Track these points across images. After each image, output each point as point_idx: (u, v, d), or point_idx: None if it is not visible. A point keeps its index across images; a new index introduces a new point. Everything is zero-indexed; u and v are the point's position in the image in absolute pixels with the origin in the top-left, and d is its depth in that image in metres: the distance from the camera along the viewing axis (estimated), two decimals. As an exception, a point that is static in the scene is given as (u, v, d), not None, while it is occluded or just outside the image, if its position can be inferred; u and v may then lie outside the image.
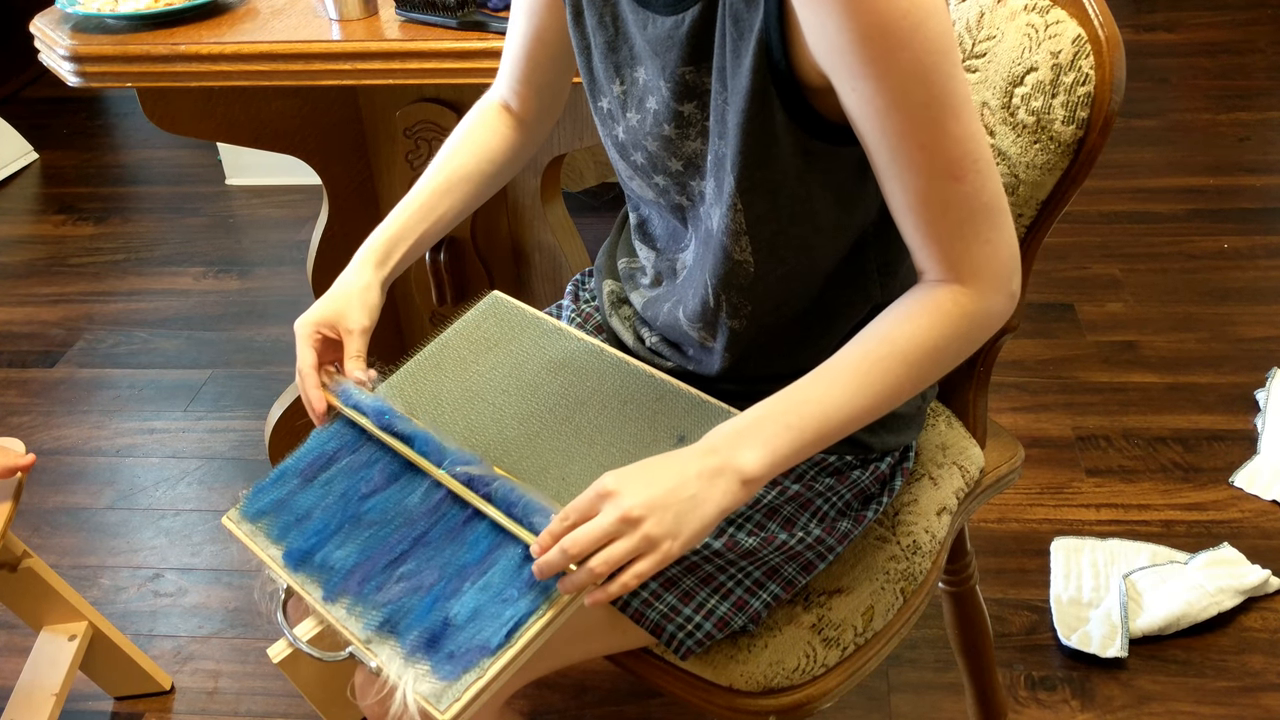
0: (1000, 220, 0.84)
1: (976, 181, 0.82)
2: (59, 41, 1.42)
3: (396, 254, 1.06)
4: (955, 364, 0.88)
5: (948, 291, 0.86)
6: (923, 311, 0.86)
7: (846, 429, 0.85)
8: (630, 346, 1.12)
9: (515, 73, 1.11)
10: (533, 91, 1.12)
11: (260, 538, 0.95)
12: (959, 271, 0.85)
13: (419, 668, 0.83)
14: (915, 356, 0.85)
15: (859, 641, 1.02)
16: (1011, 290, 0.87)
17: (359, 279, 1.04)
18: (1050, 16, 0.99)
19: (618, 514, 0.79)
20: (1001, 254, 0.85)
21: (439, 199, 1.09)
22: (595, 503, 0.81)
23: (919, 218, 0.84)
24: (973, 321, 0.86)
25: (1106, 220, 2.61)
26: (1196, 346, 2.19)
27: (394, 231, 1.07)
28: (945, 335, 0.85)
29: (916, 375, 0.86)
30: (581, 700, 1.60)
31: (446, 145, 1.12)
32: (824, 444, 0.85)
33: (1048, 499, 1.87)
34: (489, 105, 1.14)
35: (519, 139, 1.14)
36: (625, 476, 0.82)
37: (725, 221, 0.92)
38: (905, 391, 0.86)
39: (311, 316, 1.02)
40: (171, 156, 3.29)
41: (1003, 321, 0.88)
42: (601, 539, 0.80)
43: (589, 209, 2.76)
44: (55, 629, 1.54)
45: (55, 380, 2.37)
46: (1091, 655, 1.59)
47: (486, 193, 1.13)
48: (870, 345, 0.86)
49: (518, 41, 1.09)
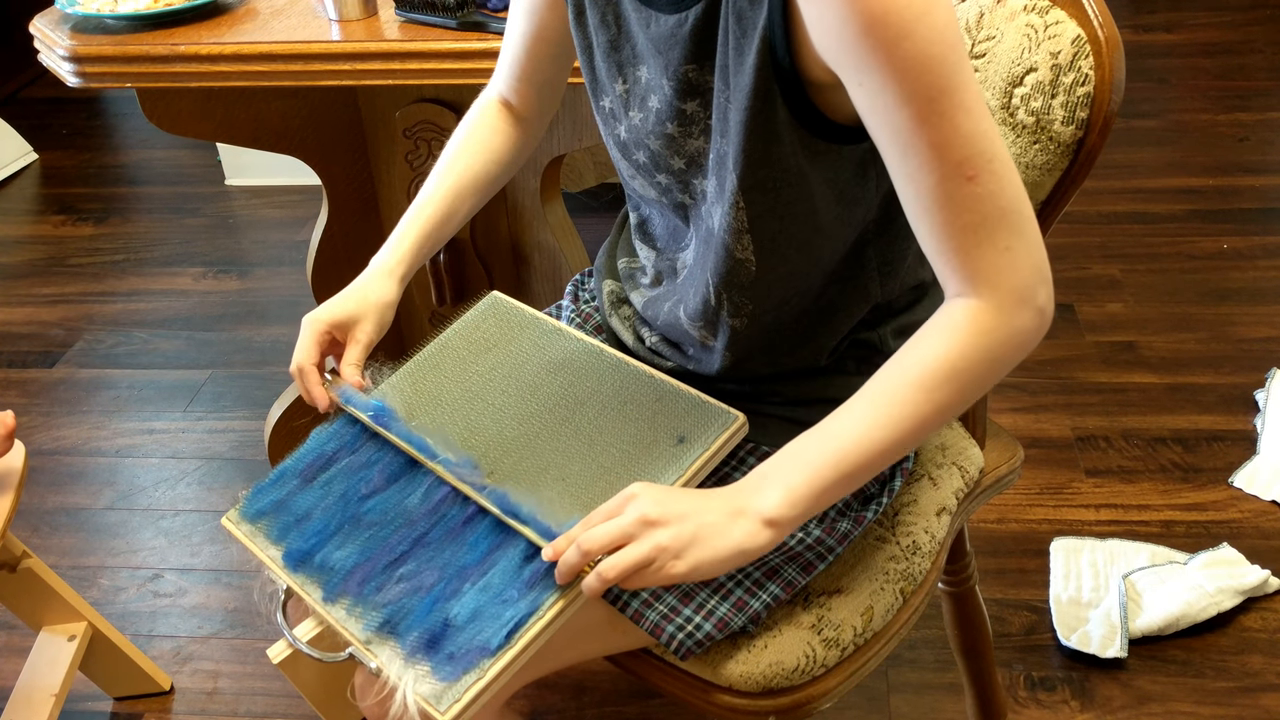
0: (1022, 226, 0.80)
1: (992, 183, 0.78)
2: (58, 42, 1.42)
3: (414, 263, 1.07)
4: (984, 387, 0.83)
5: (963, 308, 0.81)
6: (936, 332, 0.81)
7: (874, 463, 0.82)
8: (630, 346, 1.12)
9: (515, 70, 1.11)
10: (532, 89, 1.12)
11: (260, 538, 0.95)
12: (975, 283, 0.80)
13: (419, 668, 0.83)
14: (933, 381, 0.80)
15: (858, 642, 1.02)
16: (1039, 305, 0.81)
17: (382, 291, 1.04)
18: (1050, 17, 0.99)
19: (638, 514, 0.80)
20: (1023, 264, 0.80)
21: (457, 203, 1.09)
22: (620, 504, 0.82)
23: (933, 221, 0.80)
24: (994, 339, 0.80)
25: (1106, 221, 2.61)
26: (1196, 347, 2.19)
27: (416, 240, 1.07)
28: (964, 356, 0.80)
29: (941, 401, 0.81)
30: (581, 701, 1.60)
31: (451, 146, 1.12)
32: (852, 480, 0.82)
33: (1047, 499, 1.87)
34: (488, 103, 1.15)
35: (520, 136, 1.14)
36: (652, 486, 0.83)
37: (727, 220, 0.92)
38: (930, 420, 0.82)
39: (325, 315, 1.02)
40: (171, 157, 3.29)
41: (1033, 341, 0.82)
42: (619, 539, 0.80)
43: (588, 209, 2.76)
44: (54, 629, 1.54)
45: (55, 381, 2.37)
46: (1091, 655, 1.59)
47: (492, 193, 1.14)
48: (888, 374, 0.82)
49: (517, 39, 1.09)
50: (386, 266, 1.05)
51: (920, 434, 0.82)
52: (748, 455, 1.03)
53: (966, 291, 0.81)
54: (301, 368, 1.00)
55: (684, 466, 0.92)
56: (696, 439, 0.94)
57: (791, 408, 1.03)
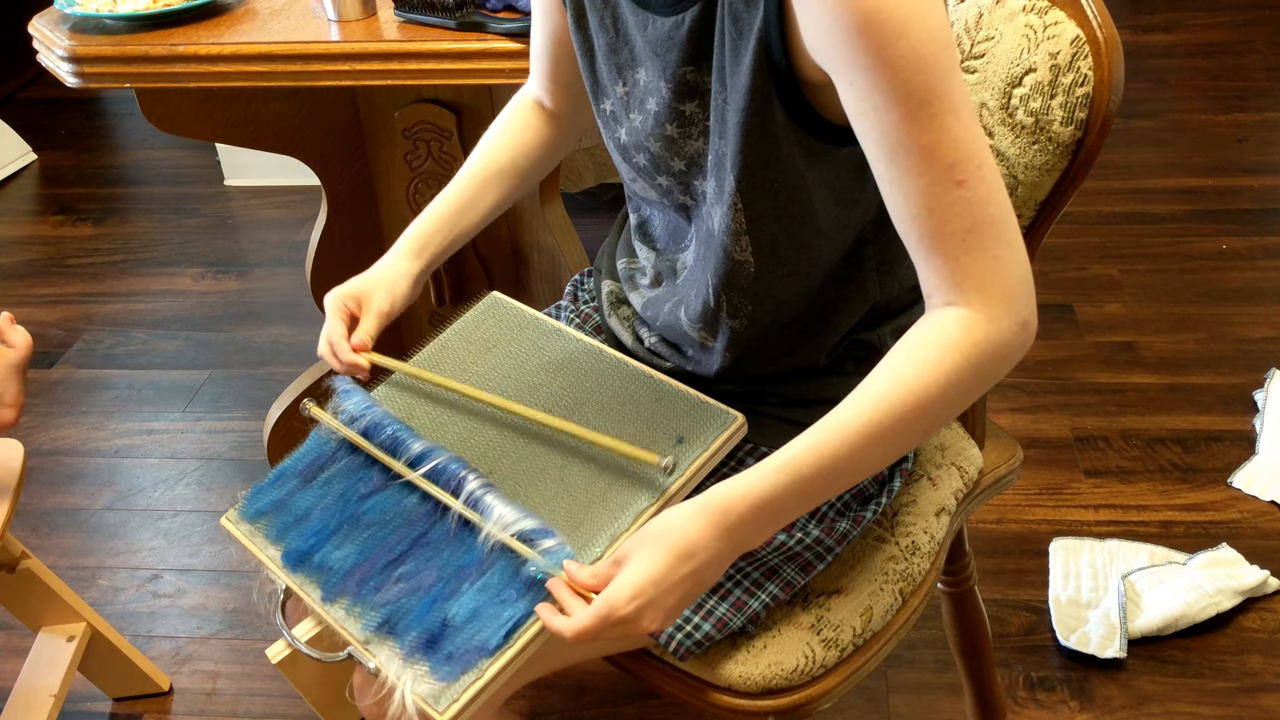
0: (1010, 236, 0.79)
1: (981, 188, 0.77)
2: (57, 42, 1.41)
3: (434, 245, 1.08)
4: (968, 402, 0.82)
5: (954, 317, 0.80)
6: (934, 346, 0.80)
7: (859, 478, 0.83)
8: (629, 347, 1.12)
9: (542, 69, 1.12)
10: (560, 87, 1.13)
11: (259, 538, 0.95)
12: (964, 290, 0.79)
13: (417, 668, 0.83)
14: (928, 397, 0.79)
15: (858, 642, 1.02)
16: (1023, 318, 0.80)
17: (394, 267, 1.06)
18: (1049, 18, 0.99)
19: (648, 621, 0.80)
20: (1010, 273, 0.79)
21: (479, 192, 1.11)
22: (626, 602, 0.80)
23: (922, 226, 0.79)
24: (983, 351, 0.79)
25: (1105, 221, 2.61)
26: (1195, 347, 2.19)
27: (433, 224, 1.09)
28: (959, 369, 0.79)
29: (931, 417, 0.81)
30: (580, 701, 1.60)
31: (483, 140, 1.14)
32: (834, 495, 0.84)
33: (1046, 499, 1.87)
34: (523, 101, 1.16)
35: (553, 133, 1.15)
36: (651, 568, 0.80)
37: (726, 221, 0.92)
38: (917, 436, 0.82)
39: (342, 289, 1.05)
40: (170, 157, 3.29)
41: (1017, 355, 0.81)
42: (614, 624, 0.80)
43: (588, 210, 2.76)
44: (54, 630, 1.54)
45: (54, 381, 2.37)
46: (1090, 656, 1.59)
47: (524, 186, 1.15)
48: (880, 391, 0.80)
49: (539, 40, 1.10)
50: (401, 246, 1.08)
51: (907, 448, 0.83)
52: (746, 456, 1.03)
53: (956, 300, 0.80)
54: (330, 340, 1.03)
55: (683, 467, 0.92)
56: (695, 439, 0.94)
57: (790, 408, 1.03)
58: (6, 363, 1.18)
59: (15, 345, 1.20)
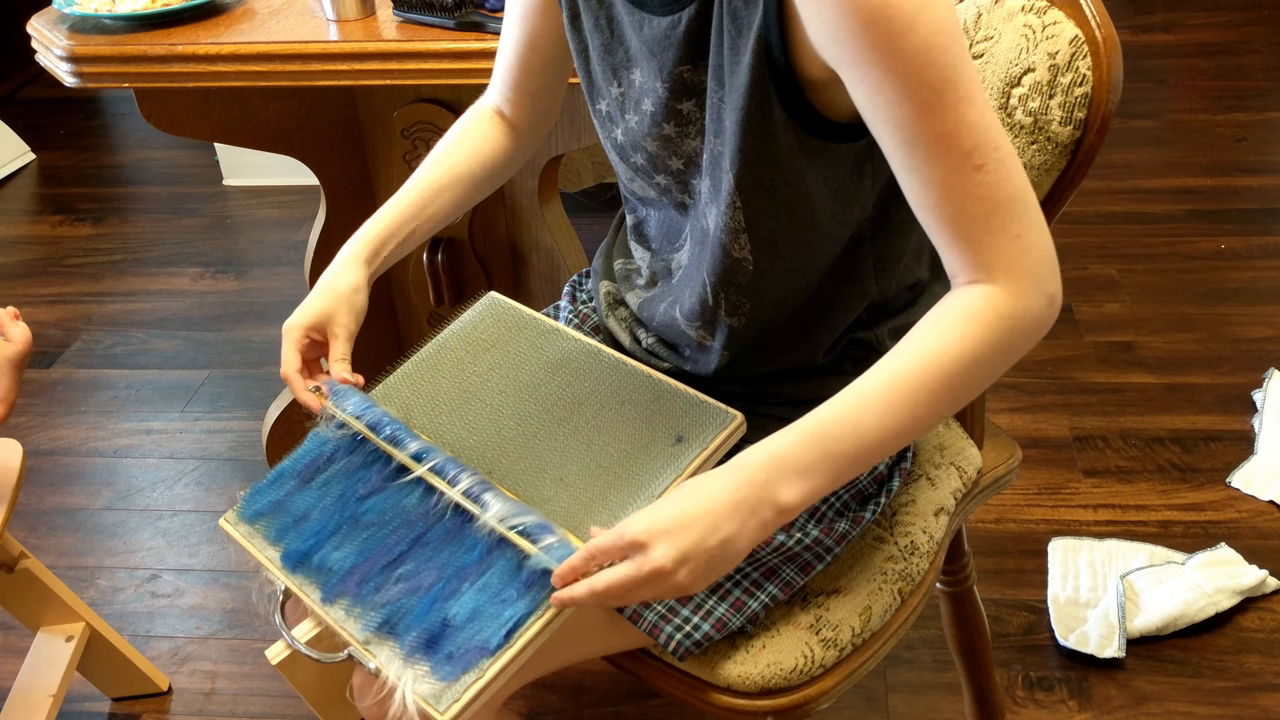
0: (1031, 214, 0.79)
1: (1000, 171, 0.77)
2: (56, 42, 1.41)
3: (385, 251, 1.06)
4: (994, 376, 0.82)
5: (981, 293, 0.80)
6: (958, 318, 0.80)
7: (882, 453, 0.81)
8: (627, 347, 1.12)
9: (508, 79, 1.11)
10: (526, 98, 1.11)
11: (258, 539, 0.95)
12: (990, 269, 0.79)
13: (418, 669, 0.83)
14: (953, 368, 0.79)
15: (857, 642, 1.02)
16: (1050, 292, 0.81)
17: (347, 279, 1.03)
18: (1048, 17, 0.99)
19: (650, 568, 0.77)
20: (1034, 250, 0.80)
21: (430, 197, 1.08)
22: (625, 550, 0.79)
23: (943, 213, 0.79)
24: (1010, 325, 0.79)
25: (1104, 221, 2.61)
26: (1194, 347, 2.19)
27: (383, 228, 1.06)
28: (984, 341, 0.79)
29: (957, 388, 0.80)
30: (579, 701, 1.60)
31: (439, 146, 1.12)
32: (859, 470, 0.81)
33: (1045, 499, 1.87)
34: (482, 111, 1.14)
35: (512, 145, 1.13)
36: (655, 525, 0.78)
37: (724, 219, 0.92)
38: (944, 408, 0.80)
39: (299, 320, 1.02)
40: (169, 157, 3.29)
41: (1044, 329, 0.82)
42: (633, 588, 0.78)
43: (586, 209, 2.76)
44: (52, 630, 1.54)
45: (52, 381, 2.37)
46: (1089, 655, 1.59)
47: (477, 195, 1.13)
48: (904, 360, 0.80)
49: (511, 48, 1.09)
50: (350, 254, 1.05)
51: (932, 423, 0.81)
52: (746, 455, 1.02)
53: (981, 279, 0.80)
54: (286, 376, 1.01)
55: (682, 466, 0.92)
56: (694, 438, 0.94)
57: (789, 408, 1.03)
58: (3, 356, 1.18)
59: (14, 340, 1.19)
